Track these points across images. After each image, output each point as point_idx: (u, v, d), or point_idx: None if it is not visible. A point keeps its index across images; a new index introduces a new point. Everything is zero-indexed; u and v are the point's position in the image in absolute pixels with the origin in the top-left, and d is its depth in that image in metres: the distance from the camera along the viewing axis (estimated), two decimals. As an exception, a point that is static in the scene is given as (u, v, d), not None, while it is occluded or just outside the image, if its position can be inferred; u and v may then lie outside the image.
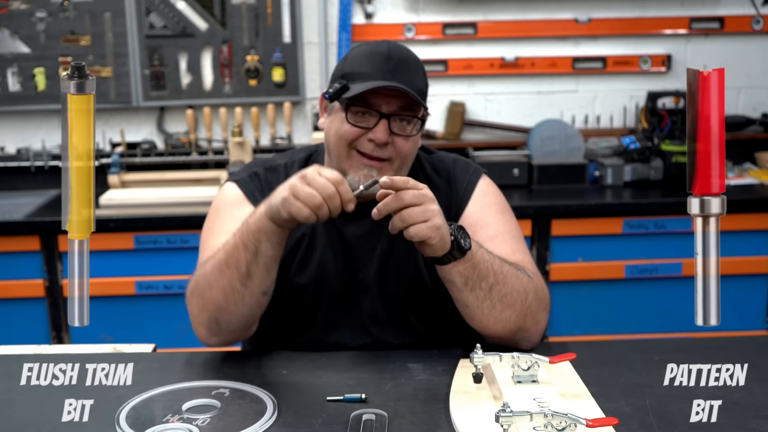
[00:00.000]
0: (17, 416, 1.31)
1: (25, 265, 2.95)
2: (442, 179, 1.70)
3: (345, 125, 1.54)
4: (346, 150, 1.55)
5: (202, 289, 1.49)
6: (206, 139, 3.39)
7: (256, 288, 1.45)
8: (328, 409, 1.30)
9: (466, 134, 3.58)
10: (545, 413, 1.14)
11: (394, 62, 1.54)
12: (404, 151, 1.56)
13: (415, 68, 1.59)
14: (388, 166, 1.56)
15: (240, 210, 1.60)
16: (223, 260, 1.45)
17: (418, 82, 1.57)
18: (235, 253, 1.43)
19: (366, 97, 1.52)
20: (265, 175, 1.67)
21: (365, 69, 1.54)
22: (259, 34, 3.41)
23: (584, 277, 3.06)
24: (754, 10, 3.49)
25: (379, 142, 1.52)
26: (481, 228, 1.62)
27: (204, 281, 1.48)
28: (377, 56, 1.55)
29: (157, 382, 1.40)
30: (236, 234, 1.44)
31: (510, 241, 1.62)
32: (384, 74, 1.52)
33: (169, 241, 2.95)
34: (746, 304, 3.11)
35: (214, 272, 1.46)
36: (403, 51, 1.59)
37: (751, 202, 3.09)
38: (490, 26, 3.50)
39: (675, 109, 3.34)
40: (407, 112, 1.55)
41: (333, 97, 1.54)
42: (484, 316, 1.48)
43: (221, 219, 1.63)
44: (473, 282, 1.45)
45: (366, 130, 1.54)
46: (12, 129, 3.49)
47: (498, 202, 1.70)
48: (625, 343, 1.65)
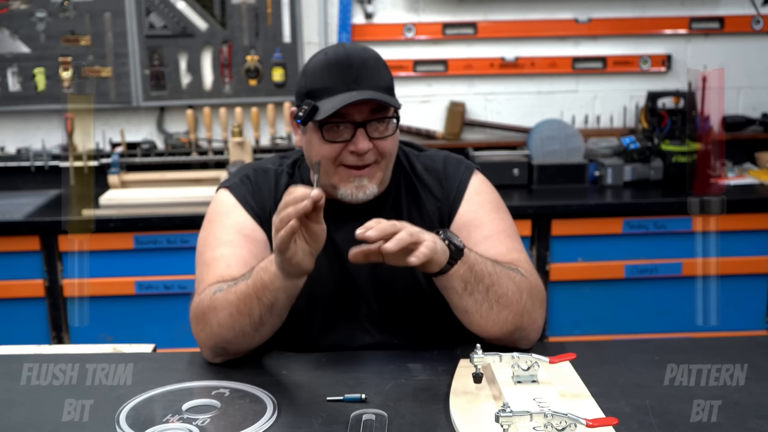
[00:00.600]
0: (17, 416, 1.31)
1: (25, 265, 2.95)
2: (434, 178, 1.68)
3: (324, 146, 1.53)
4: (333, 167, 1.55)
5: (210, 322, 1.47)
6: (206, 139, 3.39)
7: (268, 332, 1.47)
8: (328, 409, 1.30)
9: (466, 134, 3.58)
10: (545, 413, 1.14)
11: (355, 68, 1.51)
12: (387, 150, 1.56)
13: (376, 67, 1.55)
14: (375, 168, 1.56)
15: (232, 219, 1.61)
16: (234, 305, 1.43)
17: (383, 79, 1.55)
18: (248, 302, 1.42)
19: (336, 112, 1.49)
20: (256, 178, 1.67)
21: (327, 83, 1.51)
22: (259, 34, 3.41)
23: (584, 277, 3.06)
24: (754, 10, 3.49)
25: (362, 152, 1.52)
26: (476, 228, 1.61)
27: (213, 317, 1.46)
28: (336, 66, 1.52)
29: (157, 382, 1.40)
30: (249, 285, 1.42)
31: (505, 240, 1.61)
32: (348, 84, 1.50)
33: (169, 241, 2.95)
34: (746, 304, 3.11)
35: (224, 314, 1.44)
36: (360, 53, 1.55)
37: (751, 202, 3.09)
38: (490, 26, 3.50)
39: (675, 109, 3.34)
40: (380, 115, 1.53)
41: (304, 121, 1.52)
42: (482, 320, 1.48)
43: (215, 230, 1.62)
44: (472, 285, 1.44)
45: (345, 143, 1.53)
46: (12, 129, 3.49)
47: (491, 200, 1.68)
48: (625, 343, 1.65)
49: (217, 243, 1.58)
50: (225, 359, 1.51)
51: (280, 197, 1.57)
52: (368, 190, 1.56)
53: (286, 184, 1.65)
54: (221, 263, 1.55)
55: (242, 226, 1.62)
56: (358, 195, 1.56)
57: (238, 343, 1.47)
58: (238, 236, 1.59)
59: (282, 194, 1.55)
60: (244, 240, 1.59)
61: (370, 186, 1.56)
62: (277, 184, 1.66)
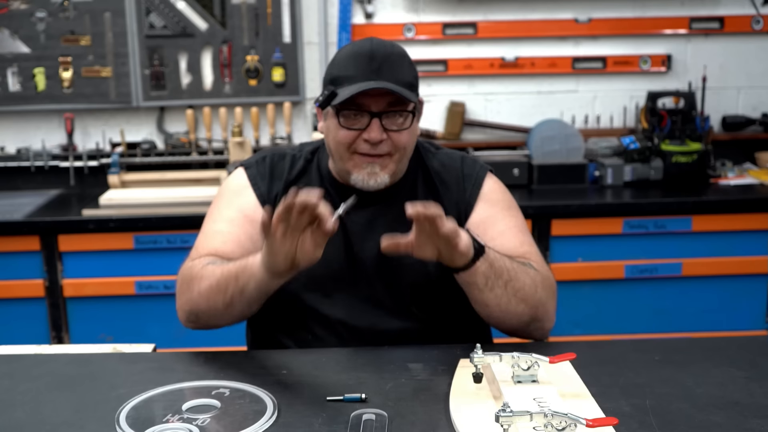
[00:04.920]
0: (17, 416, 1.31)
1: (25, 265, 2.95)
2: (451, 176, 1.74)
3: (340, 131, 1.59)
4: (347, 153, 1.61)
5: (192, 289, 1.55)
6: (206, 139, 3.39)
7: (237, 314, 1.55)
8: (328, 409, 1.30)
9: (466, 134, 3.58)
10: (545, 413, 1.14)
11: (378, 60, 1.57)
12: (401, 143, 1.61)
13: (400, 62, 1.61)
14: (388, 159, 1.61)
15: (240, 198, 1.69)
16: (216, 279, 1.51)
17: (405, 75, 1.60)
18: (227, 280, 1.49)
19: (355, 99, 1.56)
20: (272, 161, 1.74)
21: (350, 72, 1.58)
22: (259, 34, 3.41)
23: (584, 277, 3.06)
24: (754, 10, 3.49)
25: (374, 141, 1.57)
26: (490, 225, 1.67)
27: (196, 286, 1.54)
28: (361, 57, 1.58)
29: (157, 382, 1.40)
30: (235, 265, 1.49)
31: (517, 235, 1.68)
32: (368, 74, 1.56)
33: (169, 241, 2.95)
34: (746, 304, 3.11)
35: (205, 284, 1.52)
36: (386, 47, 1.61)
37: (751, 202, 3.09)
38: (490, 26, 3.50)
39: (675, 109, 3.34)
40: (397, 107, 1.58)
41: (323, 104, 1.60)
42: (501, 313, 1.54)
43: (221, 206, 1.71)
44: (492, 281, 1.50)
45: (360, 131, 1.58)
46: (12, 129, 3.49)
47: (504, 199, 1.75)
48: (625, 343, 1.65)
49: (220, 217, 1.68)
50: (196, 327, 1.60)
51: (292, 180, 1.69)
52: (379, 178, 1.61)
53: (301, 168, 1.72)
54: (218, 238, 1.64)
55: (246, 207, 1.68)
56: (369, 182, 1.61)
57: (209, 315, 1.56)
58: (240, 216, 1.67)
59: (295, 177, 1.69)
60: (243, 220, 1.67)
61: (382, 174, 1.61)
62: (291, 168, 1.73)
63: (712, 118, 3.52)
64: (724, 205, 3.07)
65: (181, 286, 1.59)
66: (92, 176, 3.41)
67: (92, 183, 3.39)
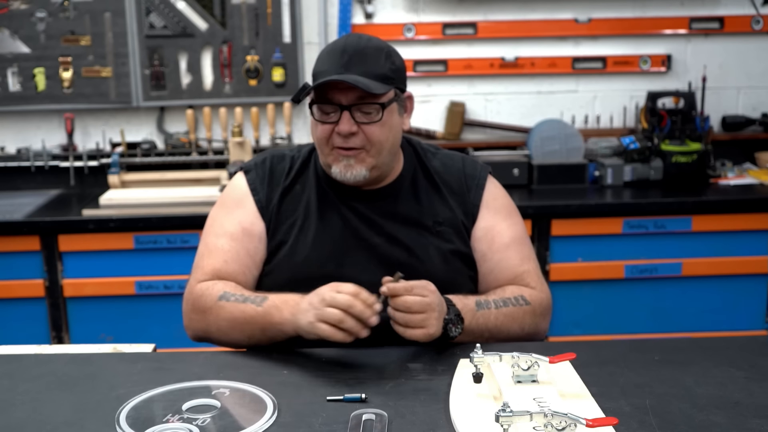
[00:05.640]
0: (17, 416, 1.31)
1: (25, 265, 2.95)
2: (454, 176, 1.76)
3: (318, 126, 1.63)
4: (327, 148, 1.64)
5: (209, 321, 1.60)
6: (206, 139, 3.39)
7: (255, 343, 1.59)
8: (328, 409, 1.30)
9: (466, 134, 3.58)
10: (545, 413, 1.14)
11: (348, 54, 1.59)
12: (375, 137, 1.61)
13: (375, 55, 1.61)
14: (363, 153, 1.63)
15: (240, 210, 1.72)
16: (239, 323, 1.56)
17: (378, 68, 1.60)
18: (251, 328, 1.55)
19: (326, 94, 1.59)
20: (271, 163, 1.76)
21: (323, 67, 1.61)
22: (259, 34, 3.41)
23: (584, 277, 3.06)
24: (754, 10, 3.49)
25: (343, 133, 1.60)
26: (495, 237, 1.72)
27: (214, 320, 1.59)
28: (333, 52, 1.61)
29: (157, 382, 1.40)
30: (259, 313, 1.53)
31: (519, 249, 1.72)
32: (337, 68, 1.58)
33: (169, 241, 2.95)
34: (746, 304, 3.11)
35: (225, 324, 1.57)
36: (361, 41, 1.62)
37: (751, 202, 3.09)
38: (490, 26, 3.50)
39: (675, 109, 3.34)
40: (367, 100, 1.59)
41: (294, 99, 1.62)
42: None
43: (222, 216, 1.73)
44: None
45: (334, 124, 1.61)
46: (12, 129, 3.49)
47: (506, 205, 1.78)
48: (625, 343, 1.65)
49: (222, 230, 1.70)
50: (203, 342, 1.66)
51: (291, 182, 1.72)
52: (355, 171, 1.63)
53: (299, 169, 1.75)
54: (220, 256, 1.67)
55: (245, 219, 1.70)
56: (346, 174, 1.64)
57: (224, 343, 1.62)
58: (239, 230, 1.69)
59: (293, 178, 1.72)
60: (242, 234, 1.69)
61: (358, 167, 1.63)
62: (290, 170, 1.75)
63: (712, 118, 3.53)
64: (724, 205, 3.07)
65: (193, 309, 1.63)
66: (92, 176, 3.41)
67: (92, 183, 3.39)
